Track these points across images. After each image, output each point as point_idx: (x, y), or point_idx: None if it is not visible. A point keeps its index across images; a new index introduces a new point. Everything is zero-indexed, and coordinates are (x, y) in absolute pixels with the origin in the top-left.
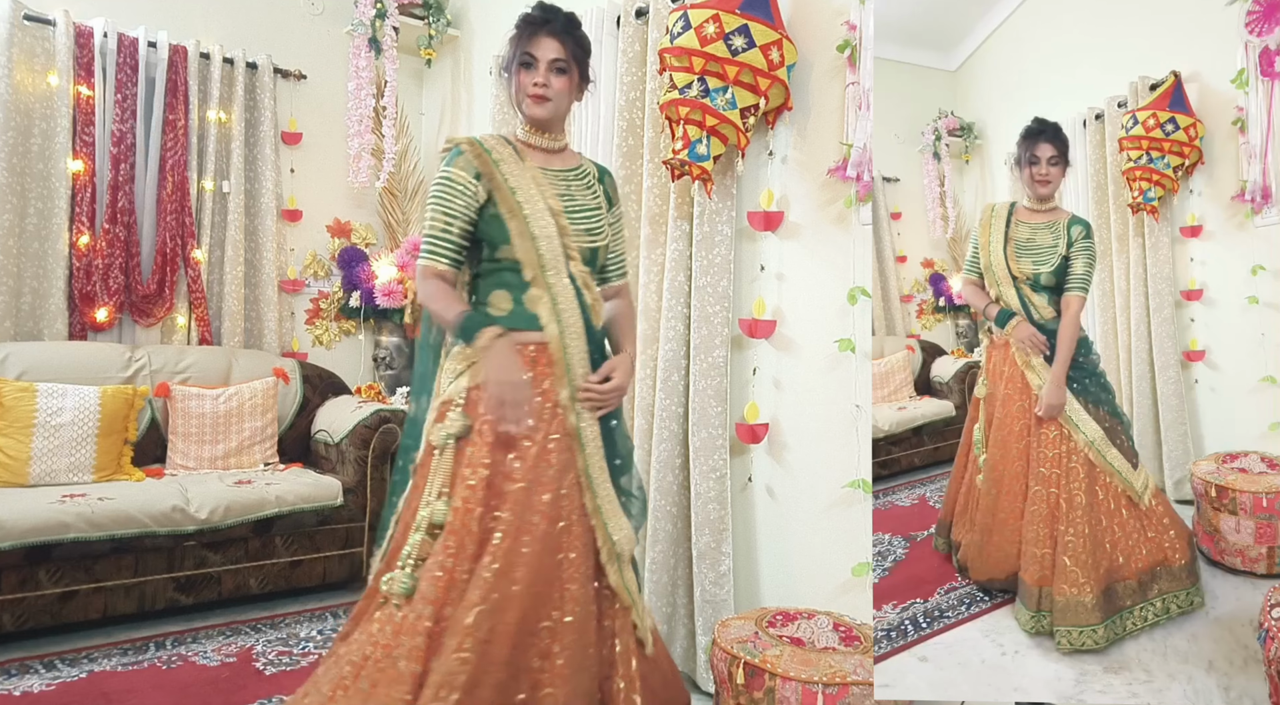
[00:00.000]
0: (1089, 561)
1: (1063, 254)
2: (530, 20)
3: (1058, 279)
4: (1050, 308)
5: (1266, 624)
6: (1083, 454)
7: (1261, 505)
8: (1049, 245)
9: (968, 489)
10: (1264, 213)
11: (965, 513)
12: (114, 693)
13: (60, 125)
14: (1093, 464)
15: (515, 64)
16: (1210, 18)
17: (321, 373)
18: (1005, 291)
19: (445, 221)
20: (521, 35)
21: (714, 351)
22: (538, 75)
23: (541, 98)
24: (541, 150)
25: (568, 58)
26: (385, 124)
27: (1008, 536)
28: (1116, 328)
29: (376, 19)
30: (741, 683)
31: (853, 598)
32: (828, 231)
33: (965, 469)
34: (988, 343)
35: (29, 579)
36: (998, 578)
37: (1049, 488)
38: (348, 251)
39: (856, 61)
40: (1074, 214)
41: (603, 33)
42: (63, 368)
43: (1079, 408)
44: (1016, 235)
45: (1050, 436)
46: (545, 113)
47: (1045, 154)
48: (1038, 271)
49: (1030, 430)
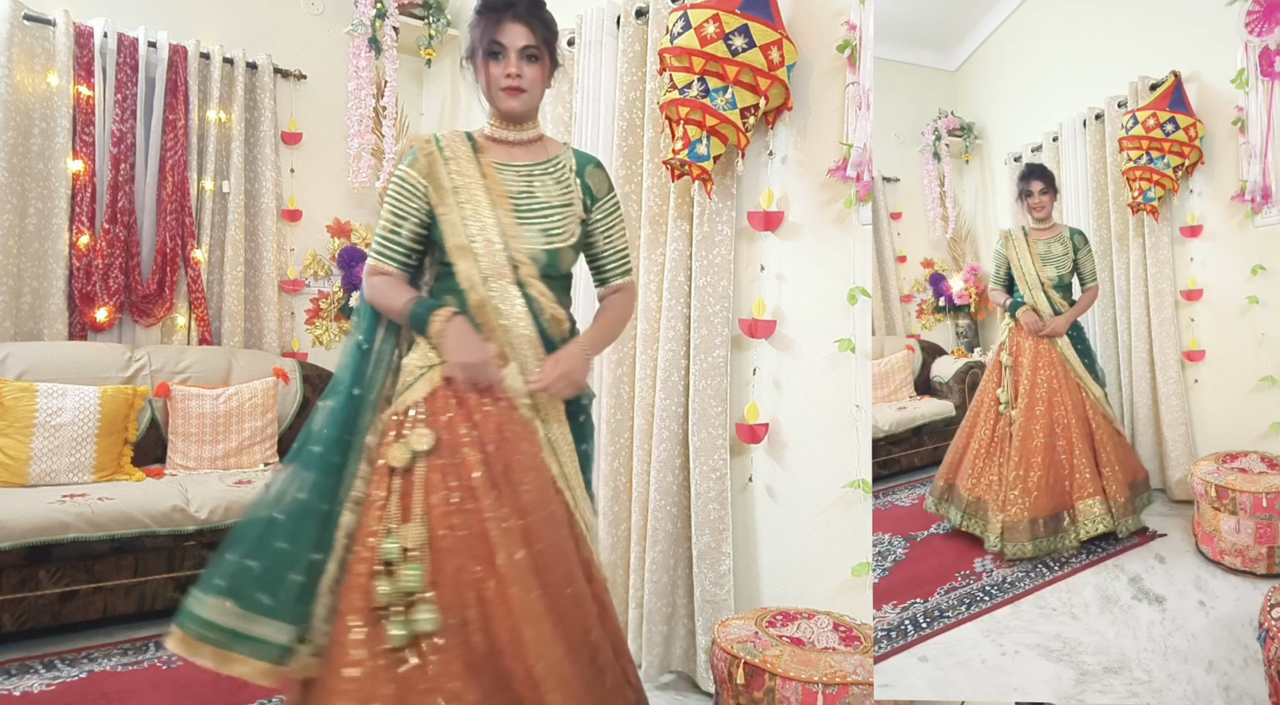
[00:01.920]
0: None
1: (1072, 258)
2: (493, 5)
3: (1070, 279)
4: (1064, 301)
5: (1266, 624)
6: (1095, 404)
7: (1261, 505)
8: (1061, 254)
9: (984, 443)
10: (1264, 213)
11: (975, 464)
12: (114, 693)
13: (60, 125)
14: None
15: (481, 54)
16: (1210, 18)
17: (322, 373)
18: (1035, 294)
19: (394, 222)
20: (485, 22)
21: (714, 351)
22: (509, 65)
23: (516, 89)
24: (507, 143)
25: (538, 43)
26: (385, 124)
27: (1053, 467)
28: (1116, 328)
29: (376, 19)
30: (741, 683)
31: (853, 598)
32: (828, 231)
33: (975, 428)
34: (1012, 325)
35: (29, 579)
36: (1042, 510)
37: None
38: (348, 251)
39: (856, 61)
40: (1069, 226)
41: (603, 33)
42: (63, 368)
43: (1086, 374)
44: (1037, 250)
45: (1070, 391)
46: (520, 105)
47: (1036, 189)
48: (1060, 274)
49: (1058, 384)
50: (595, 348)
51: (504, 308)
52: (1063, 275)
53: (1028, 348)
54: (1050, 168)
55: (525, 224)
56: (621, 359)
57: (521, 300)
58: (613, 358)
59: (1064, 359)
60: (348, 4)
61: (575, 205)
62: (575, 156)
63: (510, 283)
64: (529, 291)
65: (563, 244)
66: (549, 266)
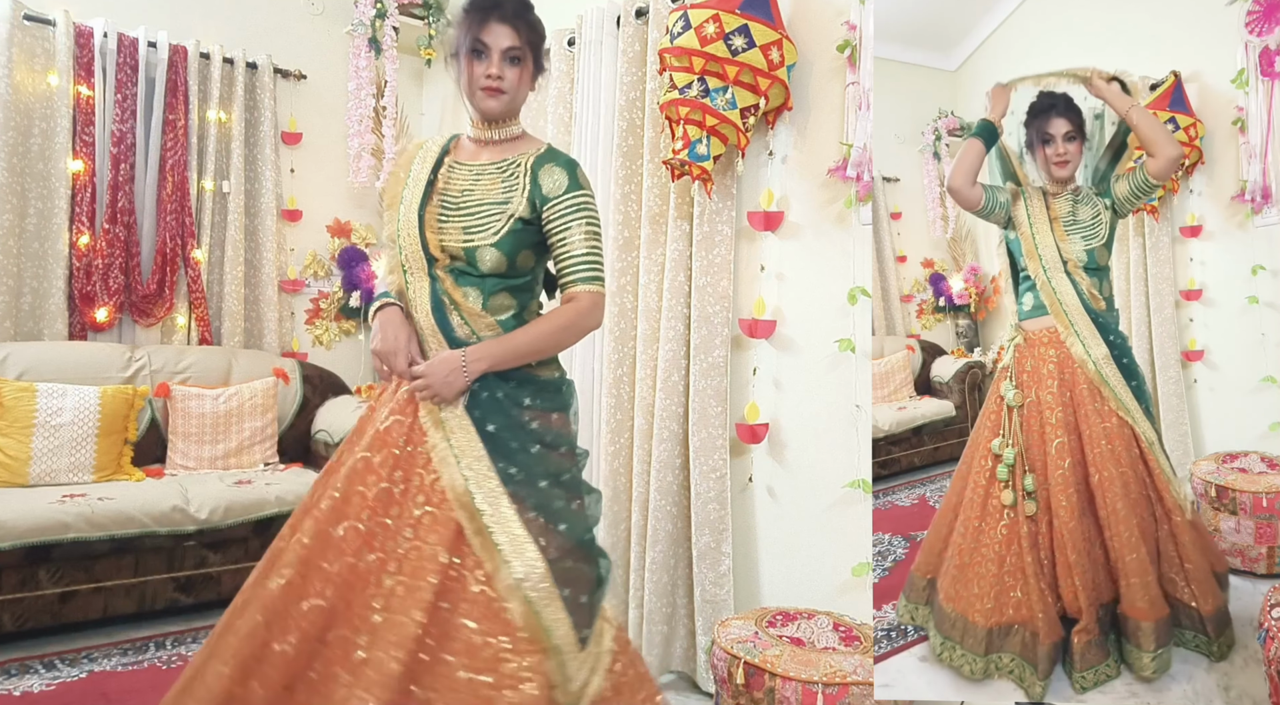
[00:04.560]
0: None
1: (1108, 226)
2: (479, 4)
3: (1106, 257)
4: (1096, 291)
5: (1266, 624)
6: (1150, 455)
7: (1261, 505)
8: (1092, 220)
9: (971, 529)
10: (1264, 213)
11: (960, 561)
12: (114, 693)
13: (60, 125)
14: (1152, 468)
15: (465, 52)
16: (1210, 18)
17: (322, 373)
18: (1055, 278)
19: (386, 217)
20: (471, 21)
21: (714, 351)
22: (491, 65)
23: (495, 90)
24: (480, 142)
25: (522, 45)
26: (385, 124)
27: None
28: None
29: (376, 19)
30: (741, 683)
31: (853, 598)
32: (828, 231)
33: (963, 501)
34: (1019, 340)
35: (29, 579)
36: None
37: (1139, 498)
38: (348, 251)
39: (856, 61)
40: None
41: (603, 33)
42: (63, 368)
43: (1135, 403)
44: (1059, 212)
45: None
46: (499, 106)
47: (1060, 130)
48: (1090, 248)
49: (1089, 434)
50: (489, 358)
51: (416, 299)
52: (1094, 250)
53: (1049, 376)
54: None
55: (447, 220)
56: (621, 359)
57: (428, 293)
58: (613, 358)
59: (1101, 385)
60: (348, 4)
61: (512, 204)
62: (541, 155)
63: (424, 275)
64: (440, 285)
65: (482, 242)
66: (468, 264)
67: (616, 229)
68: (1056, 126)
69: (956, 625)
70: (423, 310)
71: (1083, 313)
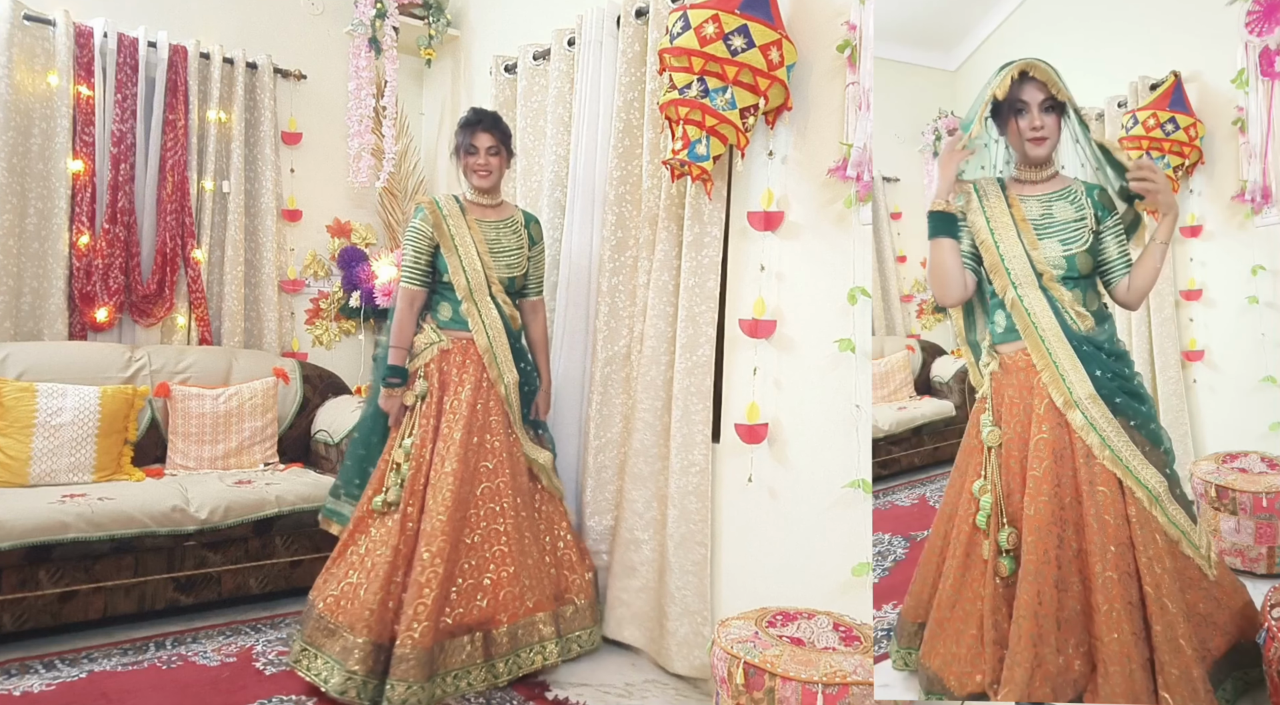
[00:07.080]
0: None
1: (1091, 229)
2: (469, 122)
3: (1088, 266)
4: (1080, 305)
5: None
6: (1148, 514)
7: (1261, 505)
8: (1074, 220)
9: (955, 582)
10: (1264, 213)
11: (940, 616)
12: (114, 693)
13: (60, 125)
14: (1158, 526)
15: (462, 151)
16: (1210, 18)
17: (321, 373)
18: (1027, 294)
19: (414, 257)
20: (464, 131)
21: (699, 349)
22: (479, 159)
23: (486, 174)
24: (481, 206)
25: (497, 143)
26: (385, 124)
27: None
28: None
29: (376, 19)
30: (741, 683)
31: (853, 598)
32: (828, 231)
33: (946, 549)
34: (994, 367)
35: (29, 579)
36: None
37: (1125, 572)
38: (348, 251)
39: (856, 61)
40: (1082, 180)
41: (602, 33)
42: (63, 368)
43: (1133, 449)
44: (1026, 214)
45: (1107, 496)
46: (488, 184)
47: (1036, 98)
48: (1069, 254)
49: (1074, 486)
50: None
51: (483, 310)
52: (1073, 258)
53: (1023, 411)
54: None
55: (496, 259)
56: (611, 358)
57: (493, 306)
58: (602, 356)
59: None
60: (348, 4)
61: (524, 248)
62: (524, 215)
63: (487, 294)
64: (497, 299)
65: (518, 273)
66: (509, 284)
67: (610, 229)
68: (1032, 93)
69: (935, 685)
70: (490, 316)
71: (1062, 339)
